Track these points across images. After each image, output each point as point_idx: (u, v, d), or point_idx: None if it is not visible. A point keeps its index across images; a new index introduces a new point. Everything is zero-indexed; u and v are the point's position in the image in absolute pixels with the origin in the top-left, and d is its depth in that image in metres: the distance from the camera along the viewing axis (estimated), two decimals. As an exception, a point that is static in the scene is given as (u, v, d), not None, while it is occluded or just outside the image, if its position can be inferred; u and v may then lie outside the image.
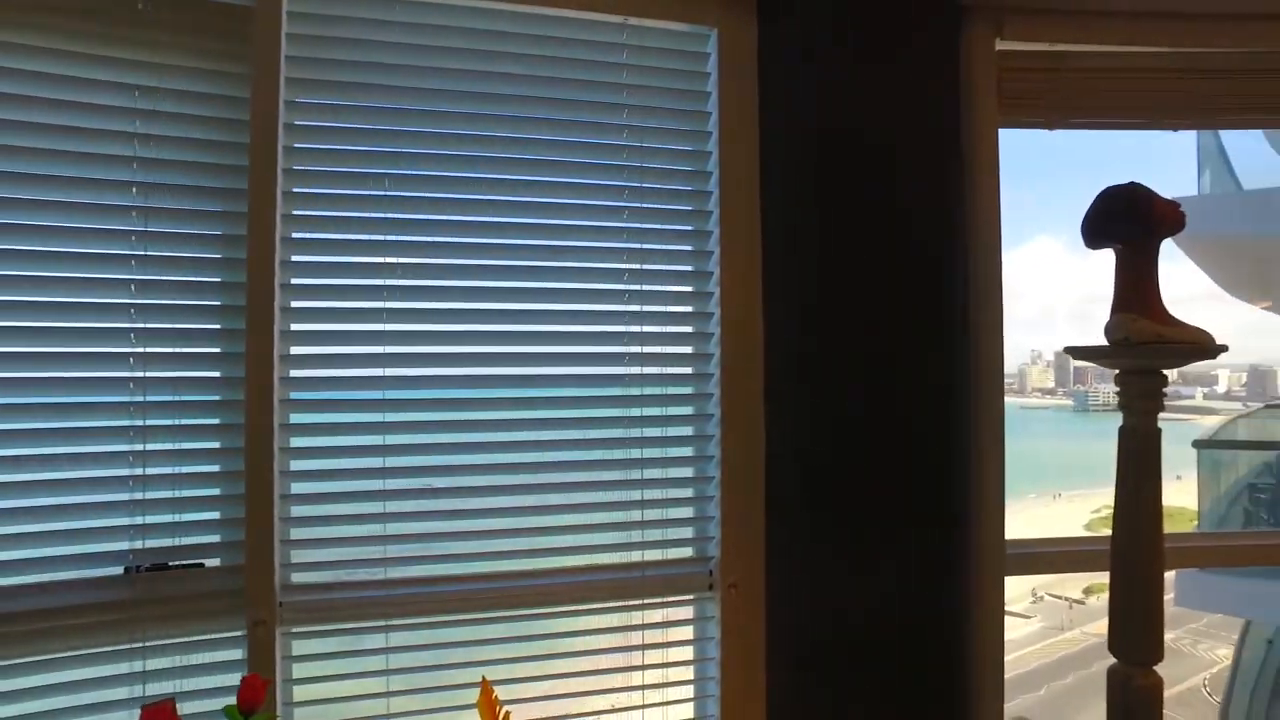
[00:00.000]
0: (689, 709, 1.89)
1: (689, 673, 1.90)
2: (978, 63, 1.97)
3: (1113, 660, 1.75)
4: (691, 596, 1.92)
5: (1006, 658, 2.02)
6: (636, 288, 1.84)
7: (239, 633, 1.61)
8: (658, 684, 1.86)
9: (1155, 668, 1.72)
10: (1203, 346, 1.60)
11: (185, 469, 1.59)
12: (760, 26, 1.87)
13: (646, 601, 1.85)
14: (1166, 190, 1.66)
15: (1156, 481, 1.69)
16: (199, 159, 1.62)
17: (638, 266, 1.84)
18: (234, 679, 1.39)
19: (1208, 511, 5.99)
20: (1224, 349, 1.62)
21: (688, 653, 1.92)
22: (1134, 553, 1.70)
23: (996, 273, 1.95)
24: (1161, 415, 1.66)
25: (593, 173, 1.86)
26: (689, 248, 1.91)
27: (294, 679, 1.67)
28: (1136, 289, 1.65)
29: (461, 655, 1.75)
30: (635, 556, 1.85)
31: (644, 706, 1.84)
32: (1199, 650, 18.15)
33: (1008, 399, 2.07)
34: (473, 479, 1.78)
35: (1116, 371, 1.68)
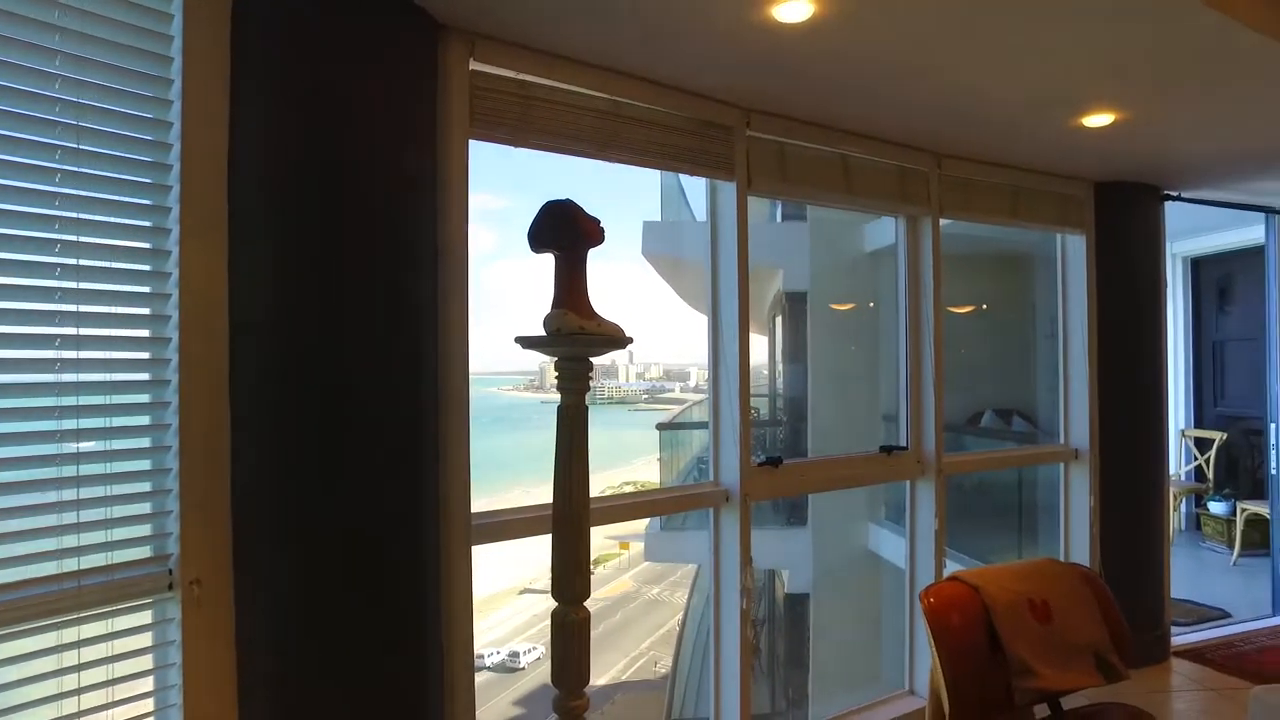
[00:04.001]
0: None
1: (149, 684, 1.74)
2: (453, 78, 2.17)
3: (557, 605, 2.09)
4: (149, 600, 1.75)
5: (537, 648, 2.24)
6: (73, 261, 1.62)
7: None
8: (100, 706, 1.66)
9: (585, 604, 2.10)
10: (616, 338, 1.99)
11: None
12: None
13: (85, 615, 1.64)
14: (640, 215, 2.04)
15: (584, 451, 2.05)
16: None
17: (74, 239, 1.62)
18: None
19: (668, 482, 7.32)
20: (630, 340, 2.03)
21: (145, 663, 1.75)
22: (568, 510, 2.03)
23: (462, 269, 2.16)
24: (649, 406, 2.02)
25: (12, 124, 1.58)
26: (147, 223, 1.73)
27: None
28: (568, 289, 1.98)
29: None
30: (71, 565, 1.63)
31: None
32: (676, 598, 21.86)
33: (530, 395, 2.30)
34: None
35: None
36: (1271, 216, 4.74)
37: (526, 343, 1.98)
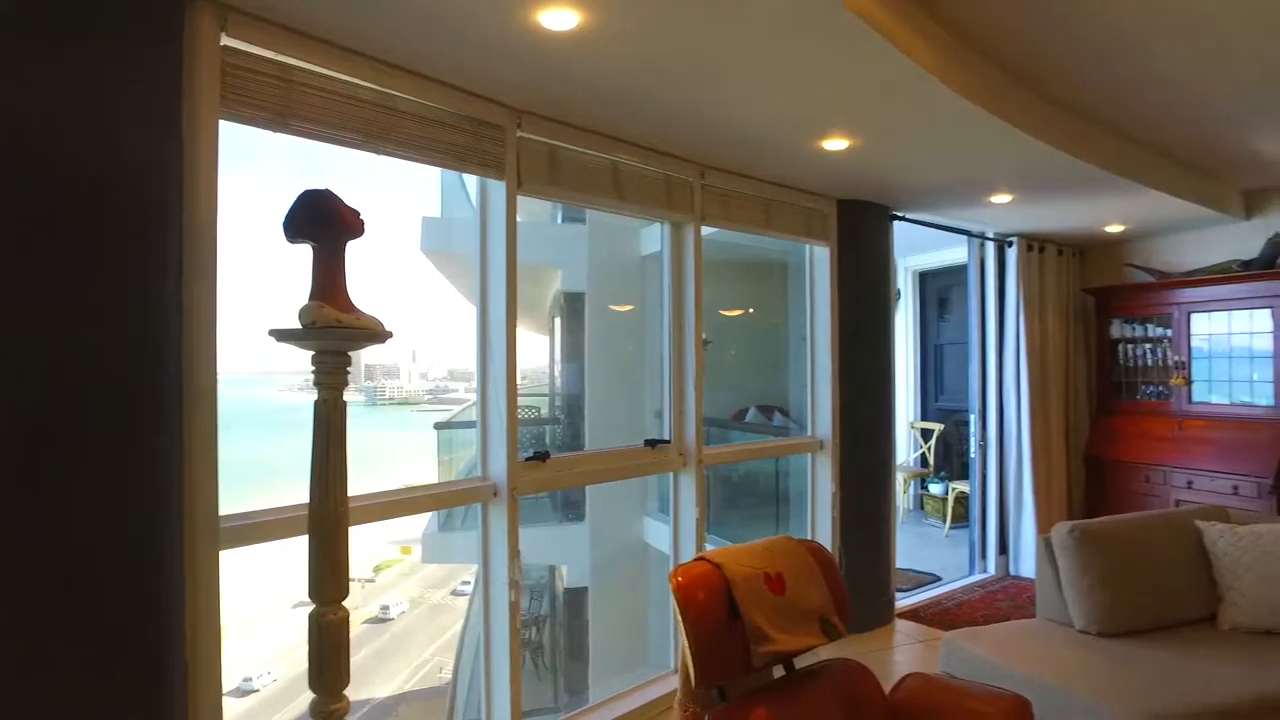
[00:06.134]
0: None
1: None
2: (202, 52, 2.02)
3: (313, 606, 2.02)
4: None
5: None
6: None
7: None
8: None
9: (344, 603, 2.06)
10: (374, 332, 1.97)
11: None
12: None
13: None
14: (421, 210, 1.99)
15: (342, 448, 2.00)
16: None
17: None
18: None
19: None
20: (390, 335, 2.02)
21: None
22: (325, 509, 1.98)
23: (211, 257, 2.03)
24: (433, 407, 1.98)
25: None
26: None
27: None
28: (326, 281, 1.93)
29: None
30: None
31: None
32: (461, 602, 21.45)
33: (303, 396, 2.16)
34: None
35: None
36: (972, 239, 5.55)
37: (281, 335, 1.91)
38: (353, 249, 2.03)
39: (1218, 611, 3.07)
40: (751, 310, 7.09)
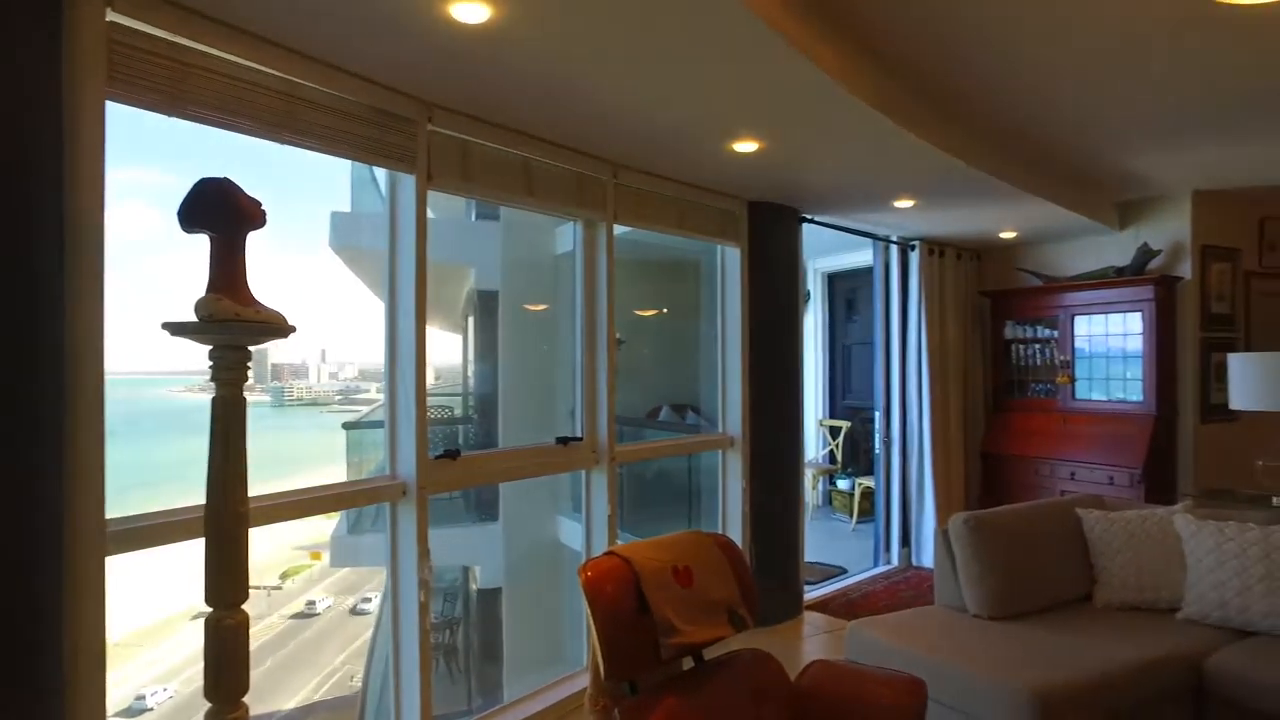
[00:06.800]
0: None
1: None
2: (85, 28, 1.92)
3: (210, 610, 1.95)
4: None
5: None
6: None
7: None
8: None
9: (243, 606, 1.99)
10: (276, 327, 1.92)
11: None
12: None
13: None
14: (331, 205, 1.92)
15: (242, 445, 1.93)
16: None
17: None
18: None
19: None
20: (294, 330, 1.96)
21: None
22: (225, 509, 1.91)
23: (97, 248, 1.93)
24: (343, 407, 1.91)
25: None
26: None
27: None
28: (224, 273, 1.86)
29: None
30: None
31: None
32: (373, 607, 20.89)
33: (201, 396, 2.05)
34: None
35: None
36: (877, 243, 5.77)
37: (175, 329, 1.83)
38: (266, 243, 1.97)
39: (1093, 592, 3.29)
40: (666, 310, 7.17)
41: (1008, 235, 5.64)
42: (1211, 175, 4.72)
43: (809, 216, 4.88)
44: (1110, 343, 5.30)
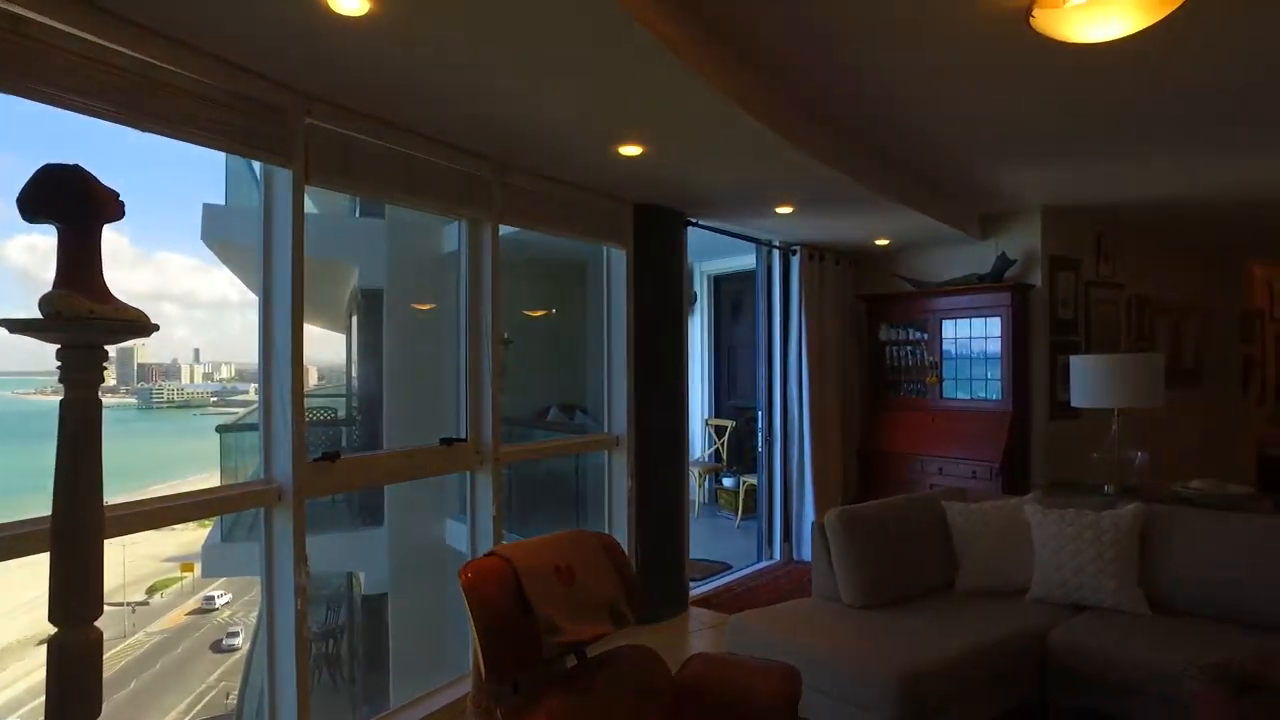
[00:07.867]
0: None
1: None
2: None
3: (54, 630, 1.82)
4: None
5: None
6: None
7: None
8: None
9: (97, 624, 1.87)
10: (138, 325, 1.82)
11: None
12: None
13: None
14: (206, 197, 1.81)
15: (96, 450, 1.82)
16: None
17: None
18: None
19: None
20: (156, 328, 1.86)
21: None
22: (75, 519, 1.79)
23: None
24: (219, 409, 1.80)
25: None
26: None
27: None
28: (76, 267, 1.75)
29: None
30: None
31: None
32: (250, 620, 19.85)
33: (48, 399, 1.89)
34: None
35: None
36: (761, 247, 5.96)
37: (17, 326, 1.70)
38: (138, 235, 1.86)
39: (956, 579, 3.52)
40: (555, 311, 7.17)
41: (882, 242, 5.94)
42: (1057, 192, 5.14)
43: (694, 220, 4.99)
44: (974, 345, 5.67)
